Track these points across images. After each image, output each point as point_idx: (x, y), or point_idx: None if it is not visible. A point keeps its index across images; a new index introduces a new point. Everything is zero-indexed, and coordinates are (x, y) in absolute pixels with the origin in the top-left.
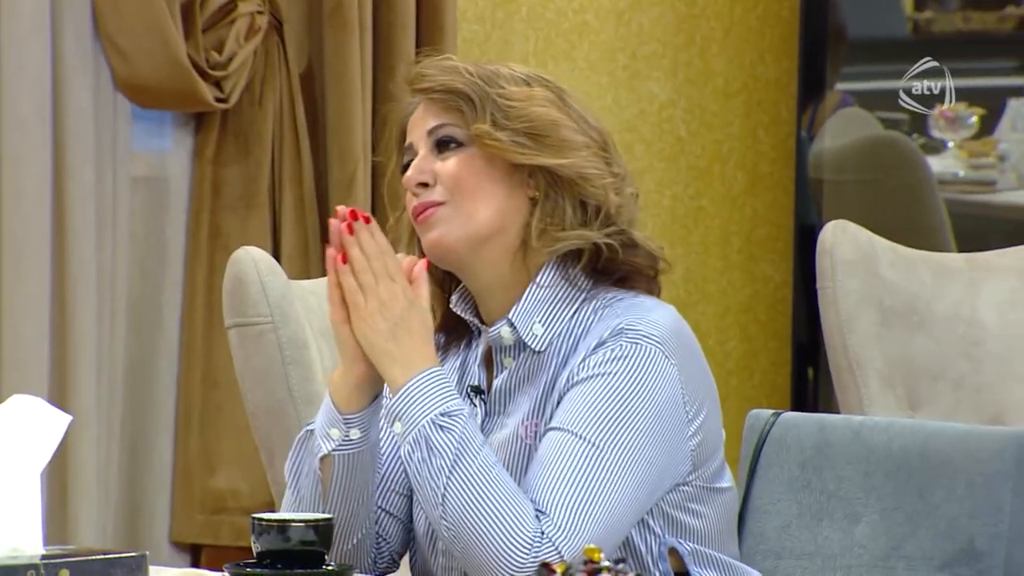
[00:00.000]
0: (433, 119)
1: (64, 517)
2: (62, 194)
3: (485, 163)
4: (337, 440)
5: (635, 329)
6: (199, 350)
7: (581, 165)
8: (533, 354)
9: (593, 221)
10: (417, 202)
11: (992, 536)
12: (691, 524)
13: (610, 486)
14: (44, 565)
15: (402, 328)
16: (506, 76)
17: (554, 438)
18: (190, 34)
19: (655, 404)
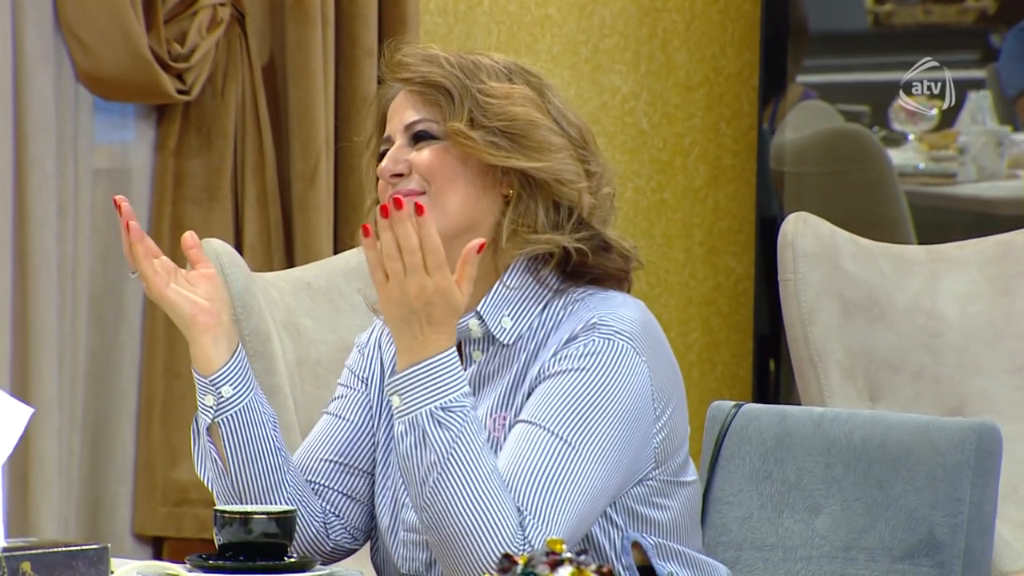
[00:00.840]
0: (411, 113)
1: (25, 509)
2: (24, 186)
3: (459, 158)
4: (213, 406)
5: (607, 325)
6: (161, 341)
7: (556, 168)
8: (502, 348)
9: (565, 223)
10: (394, 190)
11: (952, 527)
12: (655, 518)
13: (580, 481)
14: (5, 558)
15: (421, 316)
16: (487, 69)
17: (524, 432)
18: (152, 26)
19: (626, 401)
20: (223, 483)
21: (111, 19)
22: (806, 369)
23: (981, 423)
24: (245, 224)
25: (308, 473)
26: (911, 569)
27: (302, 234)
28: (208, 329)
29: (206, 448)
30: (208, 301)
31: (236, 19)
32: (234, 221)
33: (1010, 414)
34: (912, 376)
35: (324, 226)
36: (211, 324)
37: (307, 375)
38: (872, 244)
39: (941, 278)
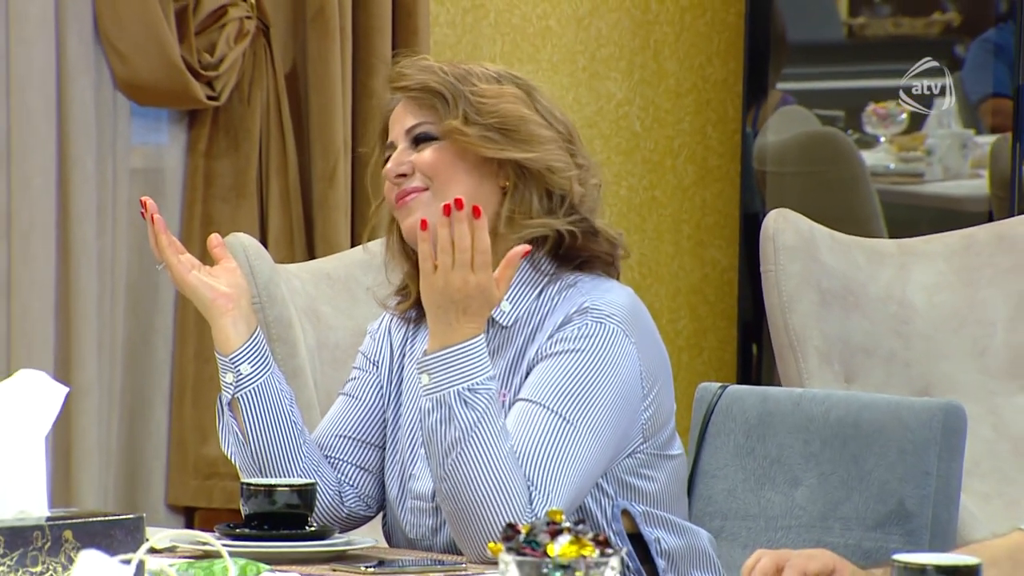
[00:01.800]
0: (411, 118)
1: (68, 482)
2: (67, 185)
3: (457, 155)
4: (233, 382)
5: (598, 309)
6: (192, 328)
7: (547, 158)
8: (501, 329)
9: (558, 210)
10: (399, 190)
11: (920, 499)
12: (643, 488)
13: (579, 456)
14: (49, 526)
15: (459, 307)
16: (478, 74)
17: (525, 409)
18: (184, 37)
19: (616, 380)
20: (244, 455)
21: (146, 31)
22: (786, 353)
23: (947, 403)
24: (269, 220)
25: (326, 449)
26: (883, 538)
27: (322, 229)
28: (227, 312)
29: (228, 423)
30: (227, 284)
31: (261, 30)
32: (259, 217)
33: (973, 395)
34: (884, 360)
35: (342, 222)
36: (230, 307)
37: (326, 358)
38: (847, 238)
39: (910, 269)
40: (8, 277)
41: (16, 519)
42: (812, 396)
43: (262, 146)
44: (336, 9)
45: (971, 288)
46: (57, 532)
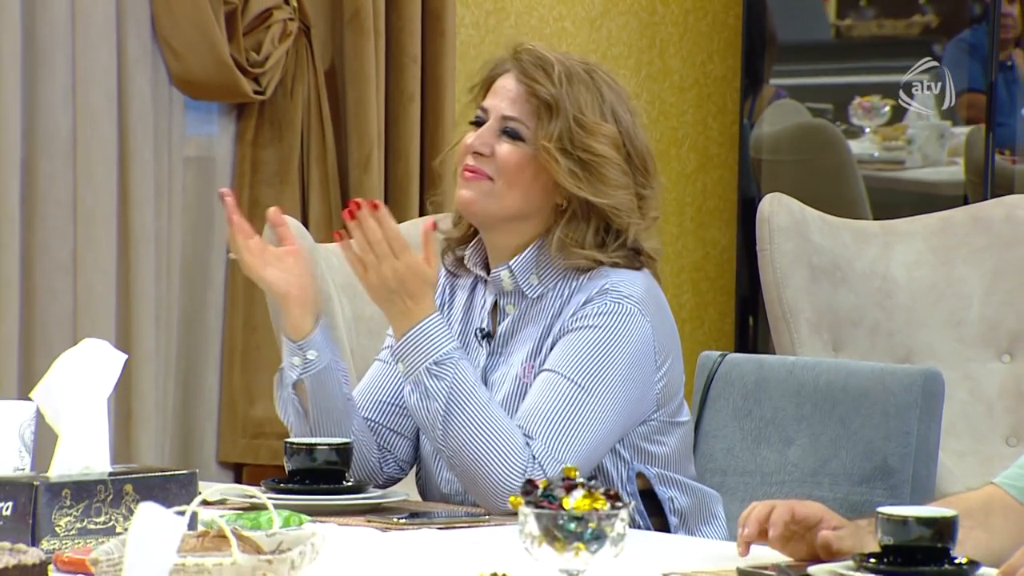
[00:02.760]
0: (511, 108)
1: (128, 441)
2: (126, 173)
3: (534, 168)
4: (300, 365)
5: (618, 291)
6: (240, 301)
7: (615, 204)
8: (530, 303)
9: (610, 244)
10: (472, 163)
11: (902, 456)
12: (655, 452)
13: (589, 418)
14: (111, 481)
15: (400, 293)
16: (591, 97)
17: (546, 378)
18: (233, 37)
19: (631, 354)
20: (301, 426)
21: (199, 31)
22: (780, 325)
23: (926, 369)
24: (310, 203)
25: (363, 410)
26: (868, 491)
27: None
28: (299, 303)
29: (289, 398)
30: (298, 275)
31: (303, 31)
32: (301, 201)
33: (950, 362)
34: (869, 330)
35: None
36: (302, 299)
37: (362, 329)
38: (835, 219)
39: (893, 248)
40: (74, 257)
41: (82, 474)
42: (803, 363)
43: (303, 136)
44: (371, 12)
45: (948, 265)
46: (118, 486)
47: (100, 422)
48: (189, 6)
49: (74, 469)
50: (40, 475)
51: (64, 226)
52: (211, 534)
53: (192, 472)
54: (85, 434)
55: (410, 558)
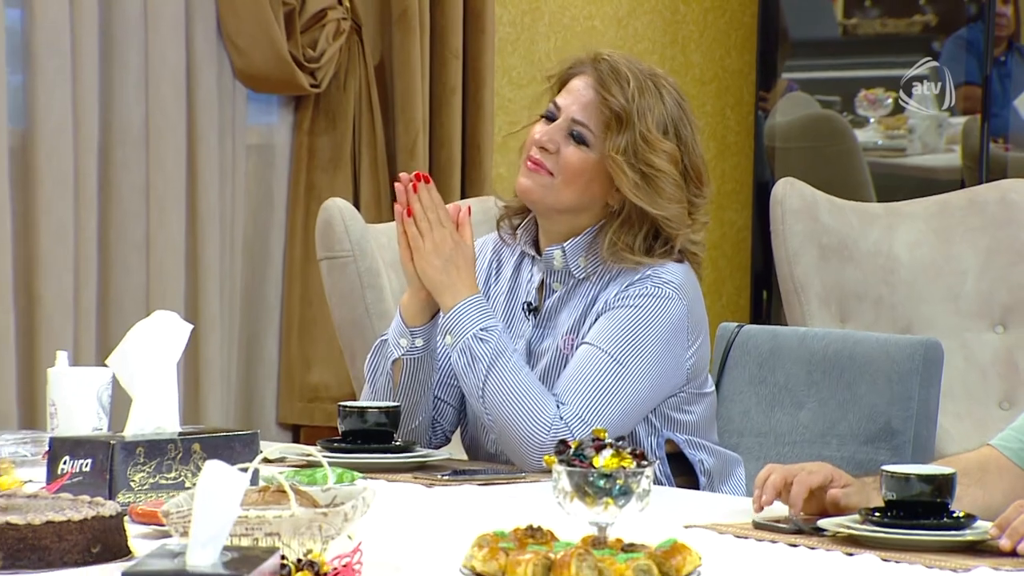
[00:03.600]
0: (581, 112)
1: (196, 404)
2: (194, 159)
3: (596, 170)
4: (406, 347)
5: (659, 276)
6: (298, 277)
7: (668, 214)
8: (576, 282)
9: (657, 249)
10: (537, 156)
11: (904, 418)
12: (683, 420)
13: (620, 388)
14: (181, 440)
15: (451, 264)
16: (658, 113)
17: (584, 350)
18: (291, 35)
19: (665, 332)
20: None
21: (260, 29)
22: (791, 298)
23: (926, 340)
24: (362, 187)
25: None
26: (873, 451)
27: None
28: (427, 296)
29: (382, 366)
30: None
31: (355, 29)
32: (353, 185)
33: (948, 333)
34: (873, 303)
35: None
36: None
37: None
38: (842, 202)
39: (895, 228)
40: (147, 235)
41: (154, 434)
42: (813, 334)
43: (355, 125)
44: (416, 11)
45: (946, 244)
46: (187, 445)
47: (170, 386)
48: (251, 6)
49: (147, 429)
50: (116, 435)
51: (138, 208)
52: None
53: (254, 432)
54: (156, 397)
55: (453, 512)
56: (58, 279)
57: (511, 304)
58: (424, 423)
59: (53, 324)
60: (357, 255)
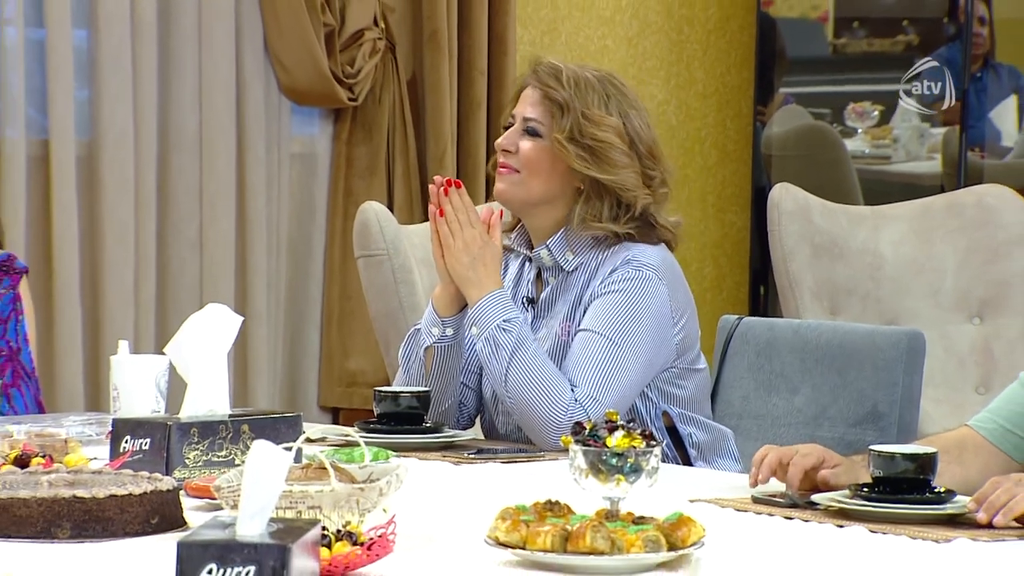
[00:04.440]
0: (531, 110)
1: (245, 389)
2: (243, 165)
3: (551, 157)
4: (437, 336)
5: (638, 260)
6: (337, 273)
7: (621, 180)
8: (567, 275)
9: (622, 217)
10: (502, 160)
11: (890, 403)
12: (677, 394)
13: (620, 366)
14: (231, 421)
15: (479, 261)
16: (596, 96)
17: (583, 336)
18: (331, 53)
19: (652, 312)
20: (418, 378)
21: (303, 48)
22: (787, 293)
23: (910, 331)
24: (395, 192)
25: None
26: (861, 433)
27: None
28: (457, 291)
29: (415, 354)
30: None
31: (389, 48)
32: (387, 190)
33: (929, 324)
34: (861, 298)
35: None
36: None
37: None
38: (833, 205)
39: (881, 229)
40: (200, 235)
41: (207, 416)
42: (807, 325)
43: (389, 136)
44: (445, 32)
45: (928, 243)
46: (237, 426)
47: (221, 373)
48: (295, 27)
49: (200, 412)
50: (172, 417)
51: (192, 211)
52: (313, 466)
53: (297, 415)
54: (209, 383)
55: (478, 487)
56: (120, 275)
57: (515, 299)
58: (452, 407)
59: (115, 316)
60: (391, 253)
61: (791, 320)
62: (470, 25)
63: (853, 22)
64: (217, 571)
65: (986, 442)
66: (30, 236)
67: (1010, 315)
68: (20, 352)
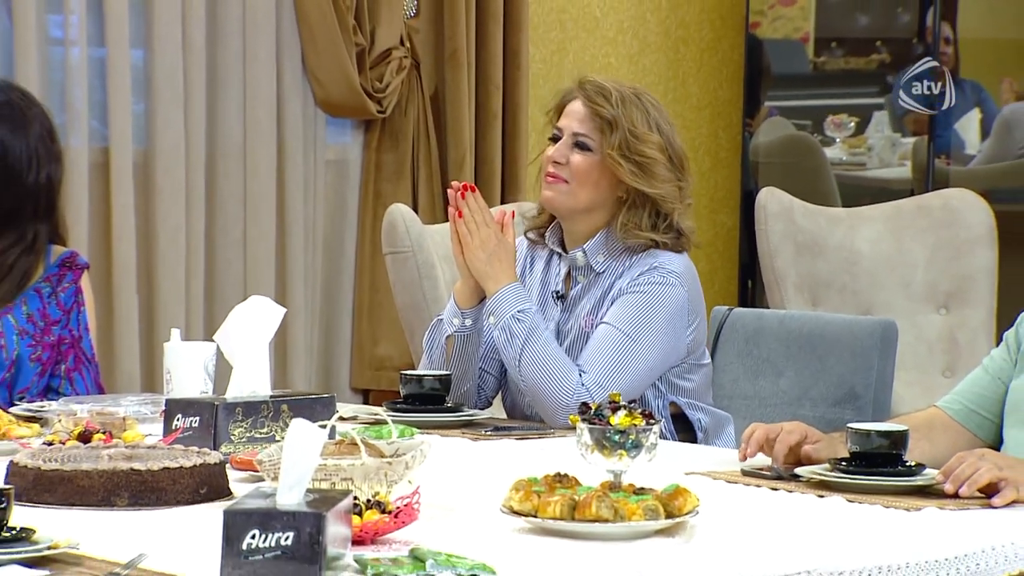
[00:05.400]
0: (580, 126)
1: (284, 373)
2: (283, 171)
3: (601, 169)
4: (457, 326)
5: (664, 267)
6: (367, 268)
7: (663, 193)
8: (596, 275)
9: (660, 225)
10: (552, 170)
11: (865, 385)
12: (685, 386)
13: (631, 359)
14: (271, 401)
15: (494, 257)
16: (640, 114)
17: (602, 329)
18: (362, 70)
19: (669, 313)
20: (439, 363)
21: (337, 67)
22: (772, 286)
23: (884, 320)
24: (420, 195)
25: None
26: (839, 412)
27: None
28: (476, 284)
29: (437, 341)
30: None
31: (414, 66)
32: (412, 193)
33: (901, 314)
34: (839, 291)
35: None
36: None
37: None
38: (814, 207)
39: (857, 228)
40: (244, 234)
41: (250, 397)
42: (791, 315)
43: (414, 144)
44: (464, 51)
45: (899, 241)
46: (277, 406)
47: (263, 358)
48: (330, 46)
49: (244, 393)
50: (219, 397)
51: (236, 211)
52: (345, 442)
53: (331, 396)
54: (252, 367)
55: (494, 462)
56: (172, 270)
57: (544, 293)
58: (471, 389)
59: (168, 307)
60: (416, 251)
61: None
62: (487, 45)
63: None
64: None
65: (952, 421)
66: (91, 235)
67: (973, 306)
68: (81, 340)
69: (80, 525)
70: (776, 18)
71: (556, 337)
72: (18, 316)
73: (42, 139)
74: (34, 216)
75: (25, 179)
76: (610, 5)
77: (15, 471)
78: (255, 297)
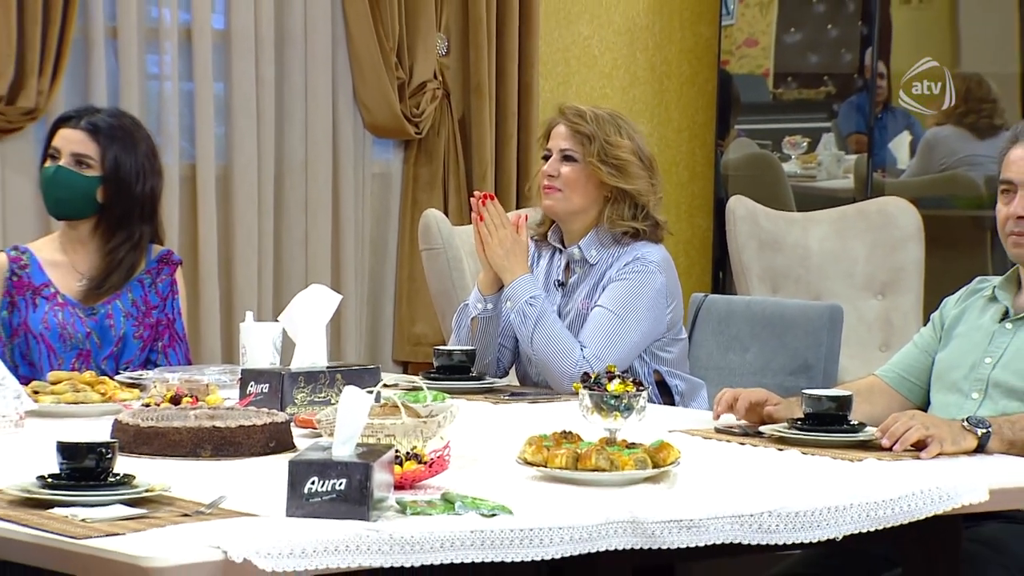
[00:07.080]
0: (565, 143)
1: (338, 347)
2: (337, 182)
3: (586, 175)
4: (480, 310)
5: (645, 257)
6: (407, 262)
7: (639, 188)
8: (590, 266)
9: (640, 216)
10: (547, 182)
11: (817, 358)
12: (665, 357)
13: (621, 335)
14: (328, 371)
15: (511, 253)
16: (612, 127)
17: (597, 311)
18: (402, 99)
19: (651, 296)
20: (465, 341)
21: (382, 97)
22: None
23: (831, 305)
24: (449, 201)
25: None
26: (795, 380)
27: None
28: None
29: (463, 322)
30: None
31: (445, 96)
32: (443, 200)
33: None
34: (794, 281)
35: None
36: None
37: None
38: (774, 212)
39: (810, 230)
40: (305, 235)
41: (310, 367)
42: (756, 301)
43: (444, 161)
44: (486, 84)
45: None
46: (332, 375)
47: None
48: (376, 80)
49: (305, 364)
50: (285, 368)
51: (299, 216)
52: (388, 405)
53: (377, 367)
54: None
55: (511, 421)
56: (247, 264)
57: (547, 282)
58: (492, 361)
59: (243, 294)
60: (446, 247)
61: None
62: (505, 79)
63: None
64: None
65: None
66: (181, 236)
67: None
68: (175, 322)
69: (171, 472)
70: (743, 56)
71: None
72: (125, 301)
73: (147, 156)
74: (140, 220)
75: (134, 189)
76: (606, 45)
77: (119, 427)
78: (314, 286)
